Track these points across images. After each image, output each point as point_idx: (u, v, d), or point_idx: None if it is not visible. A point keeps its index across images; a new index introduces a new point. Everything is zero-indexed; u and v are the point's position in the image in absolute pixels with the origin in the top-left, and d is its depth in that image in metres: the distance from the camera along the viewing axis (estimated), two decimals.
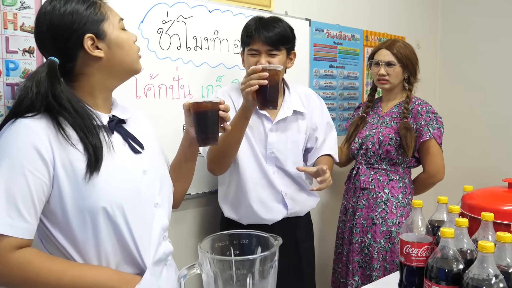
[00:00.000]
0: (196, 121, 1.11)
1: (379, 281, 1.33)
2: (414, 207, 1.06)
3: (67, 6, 0.93)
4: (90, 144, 0.90)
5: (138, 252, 0.97)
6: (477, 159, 2.84)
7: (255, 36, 1.50)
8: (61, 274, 0.87)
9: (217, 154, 1.52)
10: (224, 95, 1.61)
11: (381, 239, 1.81)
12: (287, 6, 2.05)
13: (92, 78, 0.98)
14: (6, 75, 1.32)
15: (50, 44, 0.95)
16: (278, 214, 1.62)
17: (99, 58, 0.96)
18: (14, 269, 0.83)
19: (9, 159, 0.84)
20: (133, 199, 0.96)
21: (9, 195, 0.83)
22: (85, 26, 0.94)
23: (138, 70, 1.05)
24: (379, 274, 1.80)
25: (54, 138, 0.88)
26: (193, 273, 0.78)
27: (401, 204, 1.84)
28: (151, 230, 1.01)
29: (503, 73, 2.73)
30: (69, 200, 0.89)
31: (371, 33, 2.50)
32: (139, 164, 1.02)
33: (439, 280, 0.91)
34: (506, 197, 1.14)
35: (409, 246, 1.03)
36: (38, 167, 0.86)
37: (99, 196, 0.90)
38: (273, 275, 0.79)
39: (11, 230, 0.83)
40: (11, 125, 0.89)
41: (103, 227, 0.92)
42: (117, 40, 0.98)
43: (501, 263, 0.86)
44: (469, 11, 2.88)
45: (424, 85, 2.27)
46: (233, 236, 0.86)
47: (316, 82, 2.23)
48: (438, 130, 1.84)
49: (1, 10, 1.29)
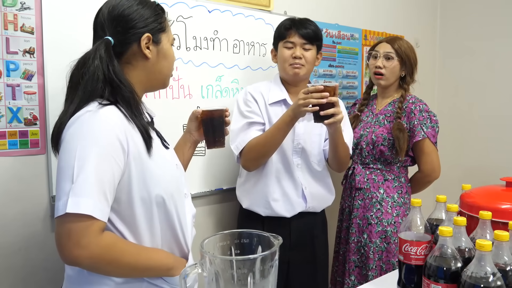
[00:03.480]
0: (207, 127, 1.27)
1: (377, 280, 1.34)
2: (413, 205, 1.07)
3: (142, 6, 1.05)
4: (140, 123, 0.99)
5: (184, 237, 1.08)
6: (476, 158, 2.85)
7: (292, 30, 1.62)
8: (136, 255, 0.96)
9: (257, 154, 1.58)
10: (256, 92, 1.68)
11: (376, 239, 1.81)
12: (286, 5, 2.06)
13: (135, 73, 1.06)
14: (7, 76, 1.32)
15: (110, 27, 1.03)
16: (298, 206, 1.66)
17: (146, 58, 1.05)
18: (103, 251, 0.89)
19: (98, 148, 0.90)
20: (176, 189, 1.06)
21: (100, 181, 0.88)
22: (148, 27, 1.05)
23: (167, 85, 1.16)
24: (375, 273, 1.81)
25: (127, 128, 0.96)
26: (194, 273, 0.79)
27: (396, 204, 1.84)
28: (185, 215, 1.10)
29: (502, 72, 2.73)
30: (135, 188, 0.96)
31: (370, 32, 2.51)
32: (172, 158, 1.12)
33: (438, 278, 0.92)
34: (504, 195, 1.15)
35: (408, 245, 1.03)
36: (119, 156, 0.93)
37: (158, 186, 0.99)
38: (273, 274, 0.80)
39: (101, 214, 0.88)
40: (91, 114, 0.93)
41: (157, 214, 1.01)
42: (166, 52, 1.09)
43: (498, 261, 0.86)
44: (468, 10, 2.89)
45: (422, 83, 2.27)
46: (234, 235, 0.87)
47: (315, 82, 2.24)
48: (432, 129, 1.82)
49: (1, 11, 1.30)
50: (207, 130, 1.28)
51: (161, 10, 1.10)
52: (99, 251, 0.89)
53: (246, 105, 1.65)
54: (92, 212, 0.86)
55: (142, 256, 0.97)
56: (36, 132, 1.38)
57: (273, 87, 1.70)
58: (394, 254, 1.78)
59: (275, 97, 1.67)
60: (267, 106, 1.66)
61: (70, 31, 1.41)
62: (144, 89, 1.11)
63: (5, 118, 1.33)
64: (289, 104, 1.64)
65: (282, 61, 1.64)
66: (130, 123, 0.97)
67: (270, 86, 1.71)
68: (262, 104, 1.66)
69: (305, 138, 1.66)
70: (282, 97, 1.66)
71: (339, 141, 1.57)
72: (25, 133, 1.37)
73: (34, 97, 1.37)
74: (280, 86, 1.70)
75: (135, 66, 1.06)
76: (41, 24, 1.36)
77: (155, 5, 1.09)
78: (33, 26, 1.36)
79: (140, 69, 1.06)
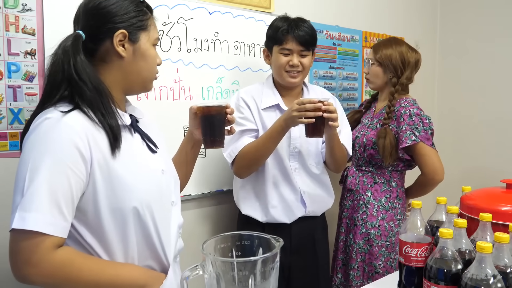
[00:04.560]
0: (204, 125, 1.14)
1: (378, 281, 1.34)
2: (413, 207, 1.07)
3: (122, 0, 0.98)
4: (107, 123, 0.91)
5: (163, 249, 1.00)
6: (476, 160, 2.85)
7: (289, 36, 1.56)
8: (99, 272, 0.89)
9: (249, 162, 1.55)
10: (247, 96, 1.64)
11: (360, 240, 1.82)
12: (287, 7, 2.06)
13: (110, 72, 0.99)
14: (8, 77, 1.33)
15: (85, 19, 0.97)
16: (297, 212, 1.63)
17: (120, 56, 0.98)
18: (57, 269, 0.83)
19: (52, 157, 0.84)
20: (157, 198, 0.99)
21: (52, 194, 0.82)
22: (124, 23, 0.97)
23: (148, 88, 1.08)
24: (357, 274, 1.83)
25: (90, 134, 0.89)
26: (196, 274, 0.79)
27: (383, 208, 1.82)
28: (170, 228, 1.03)
29: (502, 73, 2.74)
30: (102, 199, 0.90)
31: (370, 34, 2.52)
32: (158, 163, 1.04)
33: (438, 280, 0.92)
34: (504, 197, 1.15)
35: (408, 246, 1.04)
36: (78, 165, 0.86)
37: (131, 195, 0.92)
38: (274, 276, 0.80)
39: (54, 229, 0.82)
40: (50, 121, 0.87)
41: (132, 225, 0.93)
42: (144, 52, 1.01)
43: (499, 264, 0.86)
44: (468, 11, 2.89)
45: (423, 85, 2.29)
46: (235, 237, 0.87)
47: (316, 83, 2.24)
48: (425, 132, 1.76)
49: (2, 13, 1.30)
50: (204, 129, 1.15)
51: (147, 8, 1.03)
52: (52, 269, 0.83)
53: (238, 111, 1.61)
54: (41, 228, 0.80)
55: (106, 273, 0.89)
56: None
57: (266, 90, 1.66)
58: (376, 257, 1.78)
59: (268, 102, 1.63)
60: (260, 111, 1.62)
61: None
62: (122, 90, 1.03)
63: (6, 119, 1.33)
64: (282, 109, 1.61)
65: (278, 67, 1.60)
66: (96, 126, 0.90)
67: (262, 89, 1.67)
68: (255, 109, 1.62)
69: (301, 141, 1.63)
70: (275, 102, 1.63)
71: (335, 143, 1.56)
72: None
73: (35, 98, 1.37)
74: (273, 90, 1.66)
75: (109, 65, 0.99)
76: (43, 25, 1.37)
77: (138, 1, 1.01)
78: (35, 28, 1.36)
79: (116, 68, 0.99)
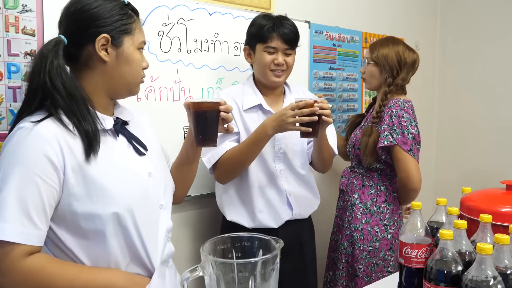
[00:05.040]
0: (195, 122, 1.10)
1: (378, 282, 1.34)
2: (413, 208, 1.07)
3: (105, 3, 0.96)
4: (83, 129, 0.90)
5: (147, 254, 0.98)
6: (476, 161, 2.85)
7: (274, 34, 1.51)
8: (73, 278, 0.88)
9: (231, 169, 1.50)
10: (228, 98, 1.58)
11: (345, 241, 1.82)
12: (287, 8, 2.06)
13: (94, 76, 0.98)
14: (8, 78, 1.33)
15: (66, 23, 0.96)
16: (284, 215, 1.59)
17: (103, 61, 0.97)
18: (27, 276, 0.84)
19: (21, 167, 0.85)
20: (141, 202, 0.97)
21: (21, 203, 0.83)
22: (107, 27, 0.95)
23: (134, 92, 1.06)
24: (342, 274, 1.84)
25: (63, 141, 0.89)
26: (195, 276, 0.79)
27: (368, 211, 1.79)
28: (157, 232, 1.02)
29: (503, 75, 2.74)
30: (78, 205, 0.89)
31: (370, 35, 2.52)
32: (144, 166, 1.03)
33: (438, 281, 0.92)
34: (504, 199, 1.15)
35: (408, 248, 1.03)
36: (49, 174, 0.86)
37: (109, 201, 0.91)
38: (274, 277, 0.80)
39: (24, 238, 0.83)
40: (22, 131, 0.88)
41: (112, 230, 0.92)
42: (128, 56, 0.99)
43: (499, 265, 0.86)
44: (468, 12, 2.89)
45: (423, 86, 2.29)
46: (235, 238, 0.87)
47: (316, 84, 2.24)
48: (402, 135, 1.70)
49: (2, 13, 1.30)
50: (195, 125, 1.10)
51: (132, 10, 1.02)
52: (23, 278, 0.83)
53: None
54: (10, 237, 0.81)
55: (81, 278, 0.88)
56: None
57: (247, 91, 1.61)
58: (357, 260, 1.76)
59: (250, 103, 1.57)
60: (242, 112, 1.57)
61: None
62: (107, 95, 1.02)
63: (6, 120, 1.33)
64: (265, 109, 1.57)
65: (262, 65, 1.54)
66: (70, 132, 0.90)
67: (243, 90, 1.61)
68: (236, 111, 1.56)
69: (286, 142, 1.58)
70: (258, 102, 1.58)
71: (323, 143, 1.54)
72: None
73: None
74: (254, 90, 1.61)
75: (93, 70, 0.97)
76: (42, 26, 1.36)
77: (123, 4, 0.99)
78: (34, 29, 1.36)
79: (99, 73, 0.98)
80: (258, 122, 1.53)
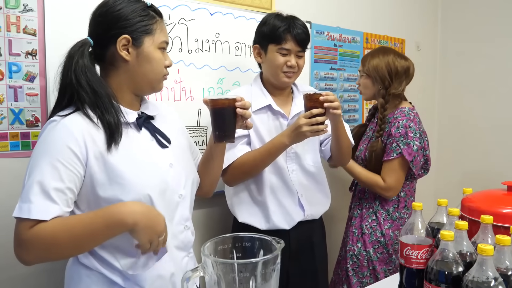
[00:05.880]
0: (213, 118, 1.15)
1: (378, 283, 1.34)
2: (414, 209, 1.07)
3: (128, 6, 1.03)
4: (106, 121, 0.99)
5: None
6: (477, 162, 2.85)
7: (288, 36, 1.51)
8: (76, 223, 0.93)
9: (243, 175, 1.51)
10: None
11: (370, 248, 1.82)
12: (288, 8, 2.04)
13: (118, 75, 1.06)
14: (9, 78, 1.33)
15: (93, 26, 1.06)
16: (296, 216, 1.58)
17: (125, 60, 1.04)
18: (35, 240, 0.90)
19: (47, 155, 0.94)
20: (160, 190, 1.04)
21: (44, 185, 0.91)
22: (128, 29, 1.02)
23: (157, 89, 1.13)
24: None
25: (87, 133, 0.97)
26: (196, 276, 0.79)
27: (390, 217, 1.81)
28: (173, 217, 1.08)
29: (503, 76, 2.74)
30: (101, 190, 0.97)
31: (371, 35, 2.52)
32: (166, 158, 1.10)
33: (439, 282, 0.92)
34: (505, 200, 1.15)
35: (409, 248, 1.03)
36: (71, 161, 0.94)
37: (127, 188, 0.98)
38: (275, 278, 0.80)
39: (45, 215, 0.90)
40: (51, 124, 0.98)
41: None
42: (148, 55, 1.05)
43: (500, 266, 0.86)
44: (469, 13, 2.89)
45: (424, 87, 2.29)
46: (236, 239, 0.87)
47: (317, 84, 2.24)
48: (408, 146, 1.72)
49: (4, 13, 1.30)
50: (213, 122, 1.15)
51: (155, 12, 1.07)
52: (30, 243, 0.91)
53: None
54: (35, 215, 0.90)
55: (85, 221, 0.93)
56: (37, 133, 1.38)
57: (255, 92, 1.59)
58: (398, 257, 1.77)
59: (259, 104, 1.56)
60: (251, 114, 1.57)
61: (72, 33, 1.39)
62: (130, 91, 1.09)
63: (7, 119, 1.33)
64: (274, 110, 1.56)
65: (275, 67, 1.53)
66: (94, 124, 0.98)
67: (251, 91, 1.60)
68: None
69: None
70: (267, 103, 1.57)
71: (341, 133, 1.50)
72: (27, 135, 1.37)
73: (36, 98, 1.38)
74: (262, 90, 1.60)
75: (117, 68, 1.05)
76: (44, 26, 1.37)
77: (145, 6, 1.06)
78: (36, 28, 1.36)
79: (123, 71, 1.05)
80: (268, 123, 1.54)
